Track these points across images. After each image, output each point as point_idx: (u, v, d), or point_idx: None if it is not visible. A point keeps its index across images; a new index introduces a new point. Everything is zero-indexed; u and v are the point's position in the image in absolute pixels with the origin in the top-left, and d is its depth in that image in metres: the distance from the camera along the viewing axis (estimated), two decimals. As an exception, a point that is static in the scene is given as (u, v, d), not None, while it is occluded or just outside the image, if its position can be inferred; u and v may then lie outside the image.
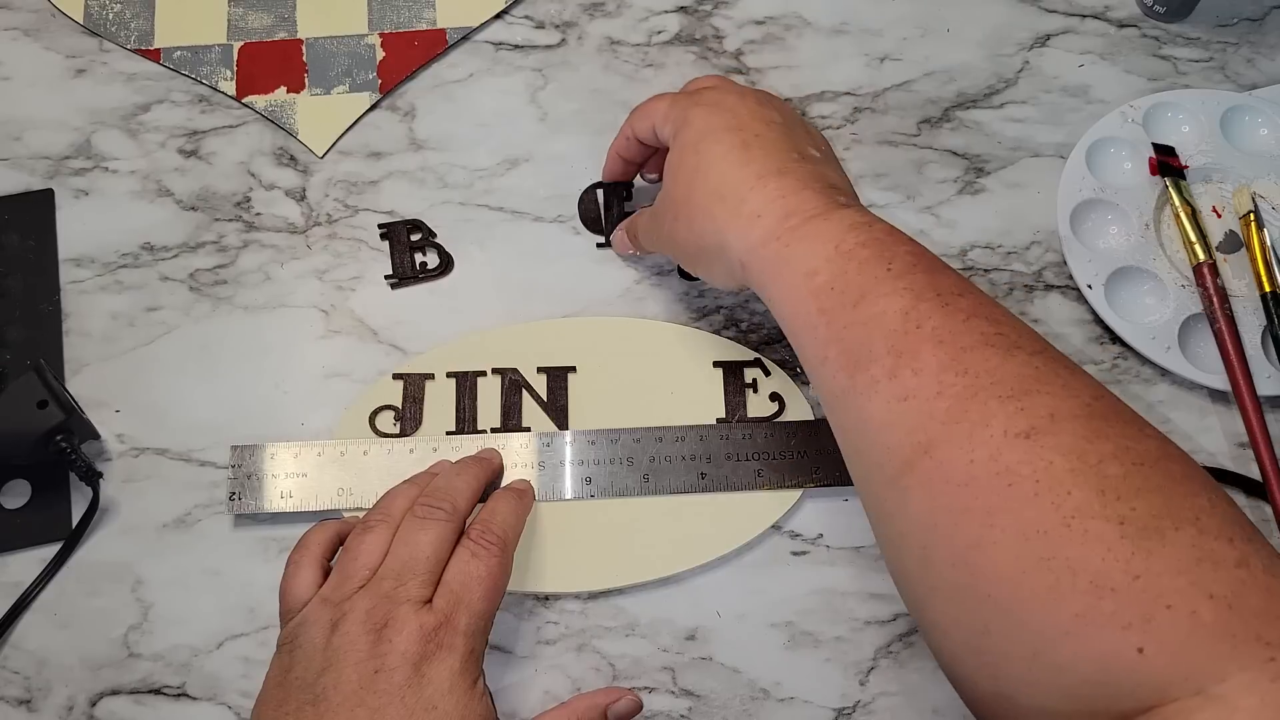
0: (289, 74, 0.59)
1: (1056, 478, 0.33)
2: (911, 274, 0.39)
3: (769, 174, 0.43)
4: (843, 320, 0.39)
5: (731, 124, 0.45)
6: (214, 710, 0.46)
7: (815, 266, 0.40)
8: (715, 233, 0.43)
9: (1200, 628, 0.31)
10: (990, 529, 0.34)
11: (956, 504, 0.35)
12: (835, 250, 0.40)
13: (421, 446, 0.49)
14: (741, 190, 0.43)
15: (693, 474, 0.49)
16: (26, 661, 0.47)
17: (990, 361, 0.36)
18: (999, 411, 0.35)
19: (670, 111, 0.47)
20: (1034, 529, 0.33)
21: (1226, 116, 0.57)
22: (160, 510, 0.49)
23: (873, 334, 0.38)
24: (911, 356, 0.37)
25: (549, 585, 0.47)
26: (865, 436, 0.38)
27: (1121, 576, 0.31)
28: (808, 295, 0.40)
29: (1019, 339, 0.37)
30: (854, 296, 0.39)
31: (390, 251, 0.55)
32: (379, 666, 0.38)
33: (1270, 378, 0.51)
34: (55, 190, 0.56)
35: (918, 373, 0.37)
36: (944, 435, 0.35)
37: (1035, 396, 0.35)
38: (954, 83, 0.59)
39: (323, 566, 0.43)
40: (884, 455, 0.37)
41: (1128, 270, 0.53)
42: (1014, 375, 0.36)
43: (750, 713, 0.46)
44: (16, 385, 0.47)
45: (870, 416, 0.38)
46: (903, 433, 0.36)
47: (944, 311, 0.38)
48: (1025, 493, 0.33)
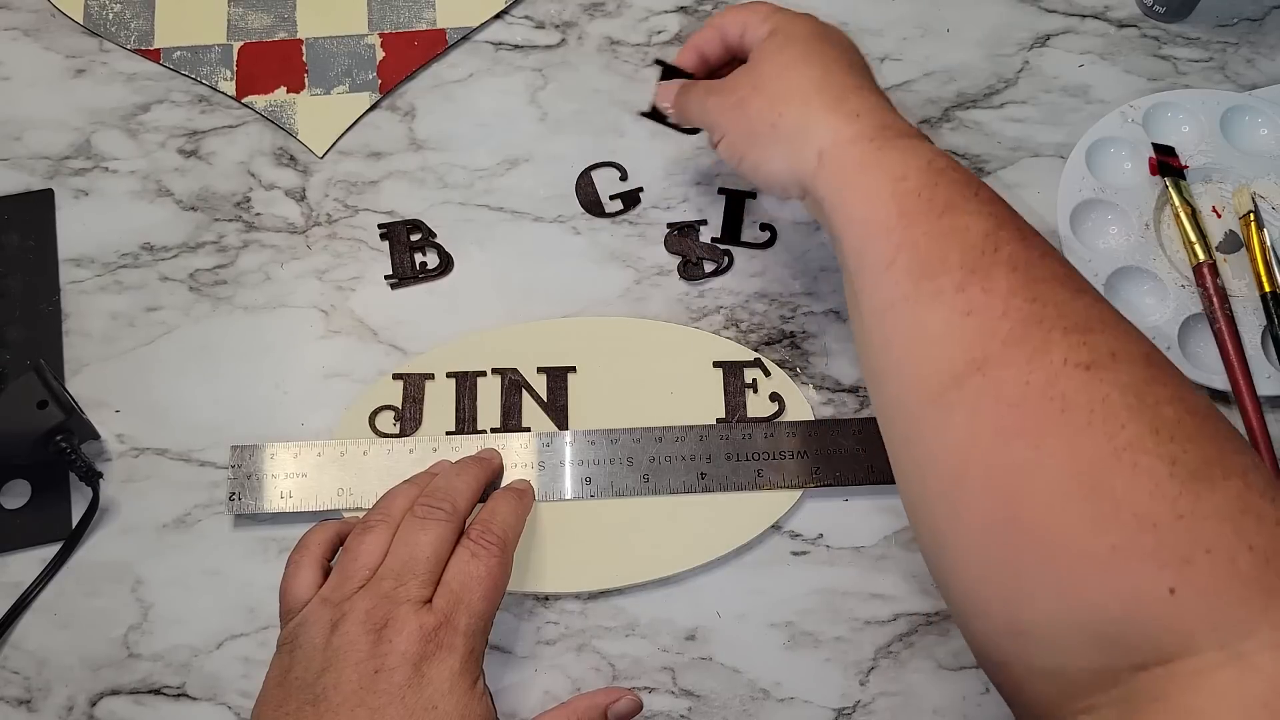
0: (289, 74, 0.59)
1: (1112, 410, 0.33)
2: (995, 205, 0.39)
3: (869, 89, 0.44)
4: (923, 226, 0.39)
5: (838, 42, 0.46)
6: (214, 710, 0.46)
7: (906, 173, 0.40)
8: (802, 115, 0.43)
9: (1237, 576, 0.30)
10: (1037, 451, 0.33)
11: (1005, 424, 0.34)
12: (928, 165, 0.40)
13: (421, 446, 0.49)
14: (844, 90, 0.43)
15: (693, 474, 0.49)
16: (26, 661, 0.47)
17: (1060, 295, 0.36)
18: (1062, 342, 0.35)
19: (773, 15, 0.47)
20: (1084, 457, 0.33)
21: (1226, 116, 0.57)
22: (160, 510, 0.49)
23: (950, 246, 0.38)
24: (984, 275, 0.37)
25: (549, 585, 0.47)
26: (916, 348, 0.38)
27: (1166, 514, 0.31)
28: (891, 198, 0.40)
29: (1085, 285, 0.38)
30: (940, 206, 0.39)
31: (390, 251, 0.55)
32: (379, 666, 0.38)
33: (1270, 378, 0.51)
34: (55, 190, 0.56)
35: (987, 291, 0.36)
36: (1002, 355, 0.35)
37: (1099, 334, 0.35)
38: (954, 83, 0.59)
39: (323, 567, 0.43)
40: (930, 369, 0.37)
41: (1128, 270, 0.53)
42: (1081, 312, 0.36)
43: (750, 713, 0.46)
44: (16, 385, 0.47)
45: (927, 326, 0.37)
46: (958, 347, 0.36)
47: (1023, 242, 0.38)
48: (1079, 421, 0.33)
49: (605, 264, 0.55)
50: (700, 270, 0.55)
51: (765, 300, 0.54)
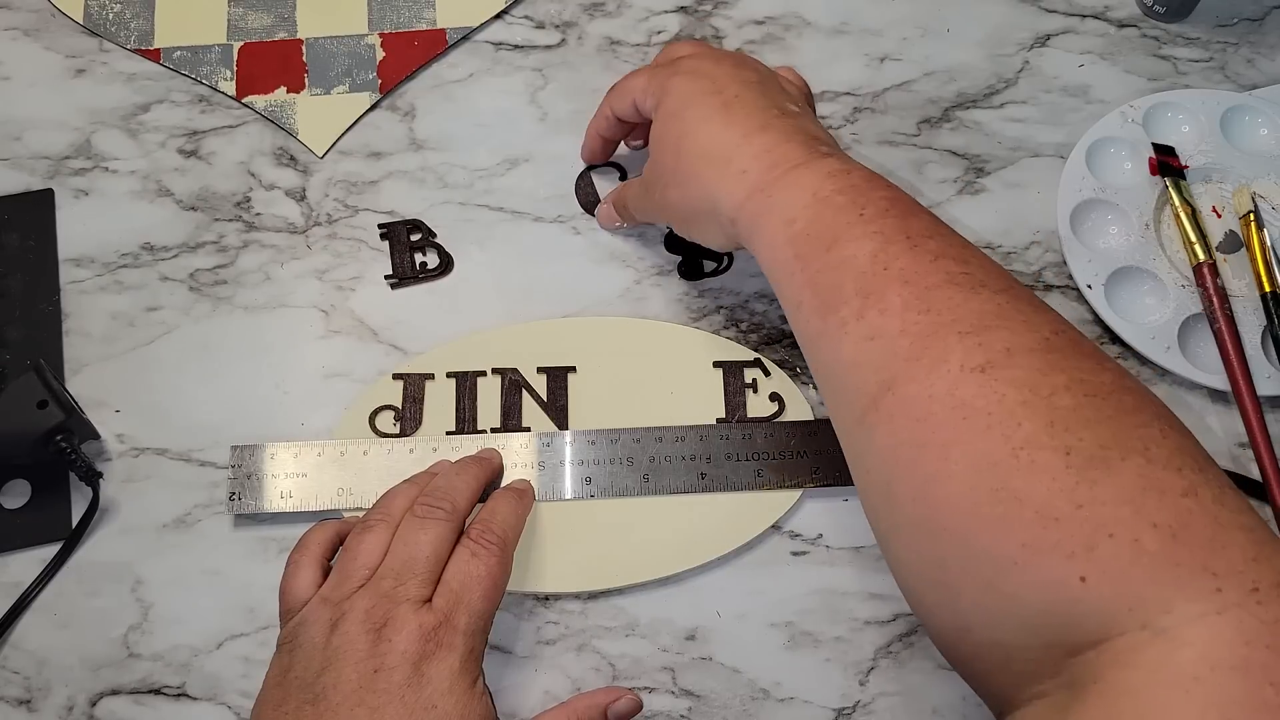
0: (289, 74, 0.59)
1: (1008, 410, 0.34)
2: (883, 218, 0.40)
3: (752, 131, 0.44)
4: (816, 265, 0.40)
5: (711, 88, 0.46)
6: (214, 710, 0.46)
7: (794, 214, 0.41)
8: (705, 194, 0.44)
9: (1143, 556, 0.31)
10: (946, 462, 0.35)
11: (916, 438, 0.36)
12: (813, 197, 0.41)
13: (421, 446, 0.49)
14: (728, 150, 0.44)
15: (693, 474, 0.49)
16: (26, 661, 0.47)
17: (954, 299, 0.37)
18: (957, 347, 0.36)
19: (650, 84, 0.49)
20: (985, 460, 0.34)
21: (1226, 116, 0.57)
22: (160, 510, 0.49)
23: (843, 277, 0.39)
24: (879, 297, 0.38)
25: (549, 585, 0.47)
26: (837, 377, 0.39)
27: (1066, 505, 0.32)
28: (785, 242, 0.41)
29: (985, 277, 0.38)
30: (827, 241, 0.40)
31: (390, 251, 0.55)
32: (378, 666, 0.38)
33: (1270, 378, 0.51)
34: (55, 190, 0.56)
35: (884, 312, 0.38)
36: (905, 372, 0.36)
37: (994, 332, 0.36)
38: (954, 83, 0.59)
39: (322, 566, 0.43)
40: (853, 395, 0.38)
41: (1128, 270, 0.53)
42: (975, 312, 0.37)
43: (750, 713, 0.46)
44: (16, 385, 0.47)
45: (841, 357, 0.39)
46: (869, 371, 0.38)
47: (912, 253, 0.39)
48: (978, 425, 0.34)
49: (605, 264, 0.55)
50: (700, 270, 0.55)
51: (765, 300, 0.54)
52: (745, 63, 0.48)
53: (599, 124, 0.53)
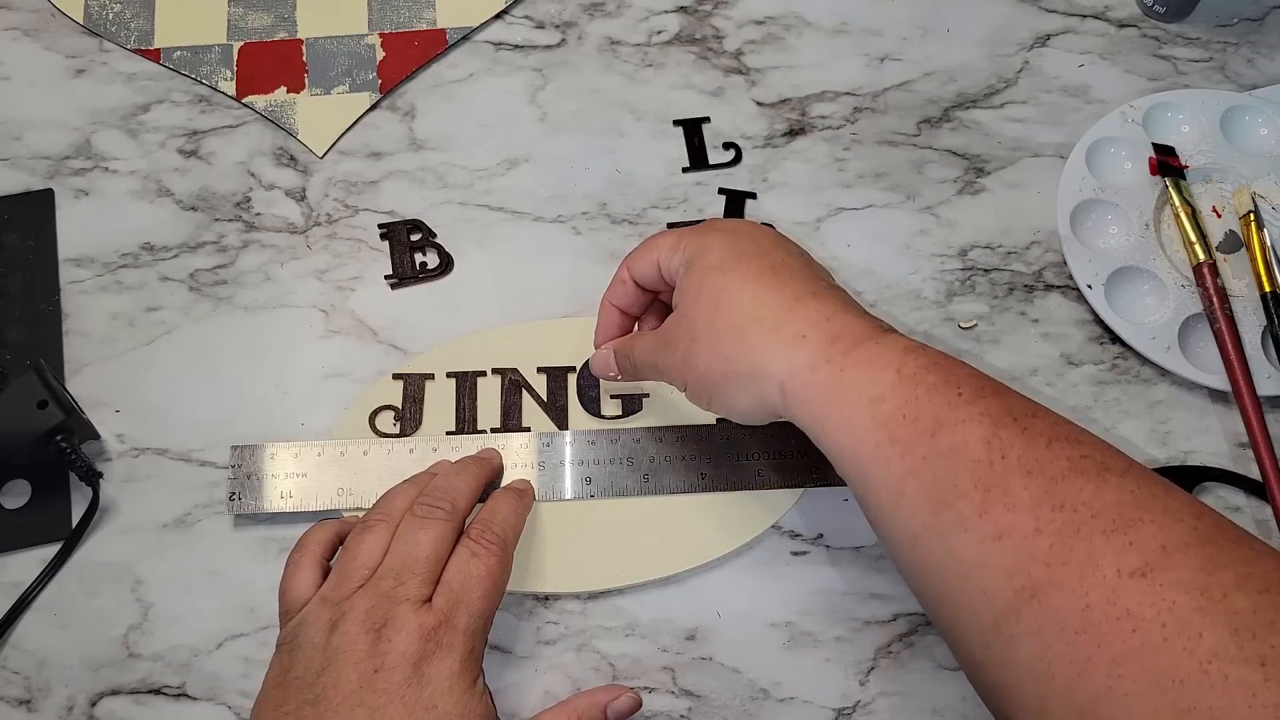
0: (289, 74, 0.59)
1: (1184, 619, 0.31)
2: (983, 398, 0.37)
3: (805, 296, 0.41)
4: (920, 451, 0.36)
5: (755, 250, 0.43)
6: (214, 710, 0.46)
7: (880, 392, 0.38)
8: (748, 356, 0.40)
9: None
10: (1120, 679, 0.32)
11: (1076, 653, 0.33)
12: (898, 375, 0.38)
13: (421, 446, 0.49)
14: (780, 312, 0.40)
15: (693, 474, 0.49)
16: (26, 661, 0.47)
17: (1085, 491, 0.34)
18: (1106, 548, 0.33)
19: (680, 242, 0.45)
20: (1169, 678, 0.31)
21: (1226, 116, 0.57)
22: (160, 510, 0.49)
23: (956, 466, 0.36)
24: (1002, 490, 0.35)
25: (549, 585, 0.47)
26: (955, 579, 0.36)
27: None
28: (874, 425, 0.37)
29: (1104, 459, 0.36)
30: (929, 425, 0.37)
31: (390, 251, 0.55)
32: (378, 666, 0.38)
33: (1270, 378, 0.51)
34: (55, 190, 0.56)
35: (1011, 508, 0.34)
36: (1050, 578, 0.33)
37: (1141, 527, 0.33)
38: (954, 83, 0.59)
39: (322, 566, 0.43)
40: (979, 600, 0.35)
41: (1128, 270, 0.53)
42: (1113, 504, 0.34)
43: (750, 713, 0.46)
44: (16, 385, 0.47)
45: (961, 557, 0.35)
46: (1001, 575, 0.34)
47: (1025, 438, 0.36)
48: (1153, 638, 0.31)
49: (605, 264, 0.55)
50: (700, 270, 0.54)
51: (765, 300, 0.54)
52: (779, 234, 0.46)
53: (614, 293, 0.48)
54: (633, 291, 0.47)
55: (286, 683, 0.39)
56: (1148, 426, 0.51)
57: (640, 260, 0.46)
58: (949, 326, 0.53)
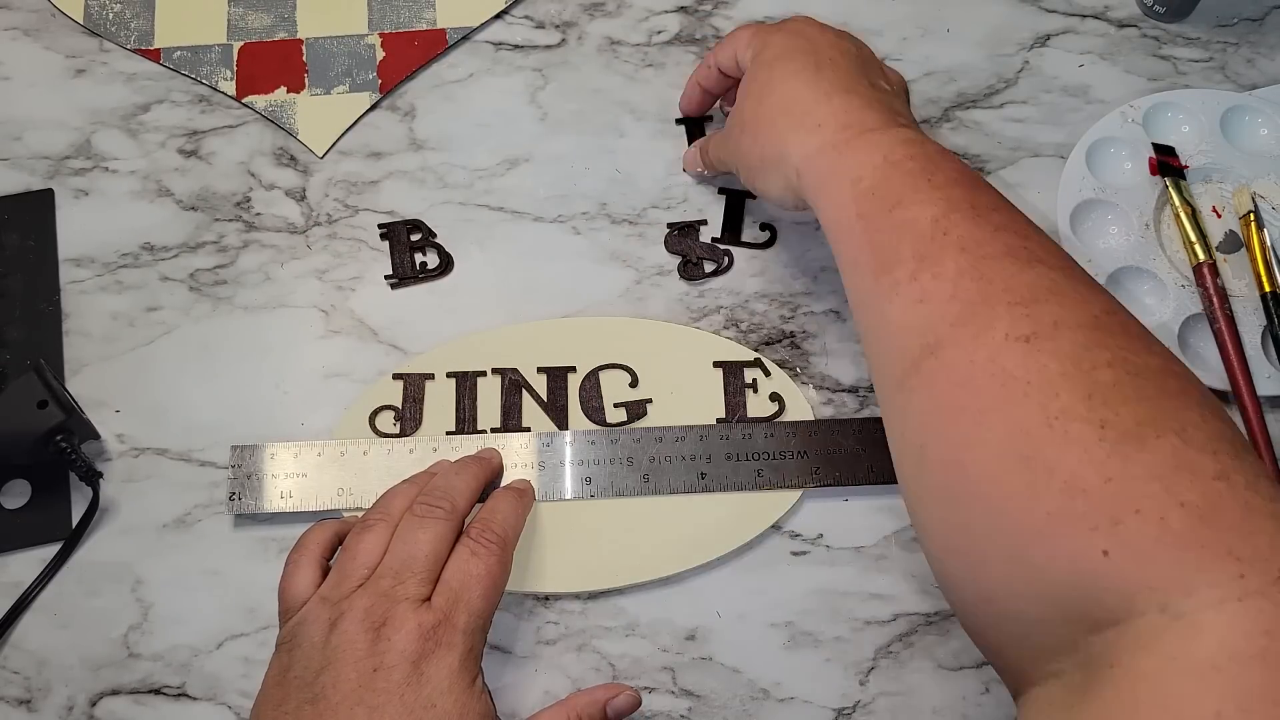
0: (289, 74, 0.59)
1: (1048, 380, 0.34)
2: (951, 187, 0.40)
3: (836, 91, 0.44)
4: (877, 224, 0.40)
5: (807, 47, 0.47)
6: (214, 710, 0.46)
7: (861, 174, 0.41)
8: (777, 142, 0.45)
9: (1168, 534, 0.30)
10: (980, 427, 0.35)
11: (954, 403, 0.36)
12: (884, 160, 0.41)
13: (421, 446, 0.49)
14: (807, 103, 0.44)
15: (693, 474, 0.49)
16: (26, 661, 0.47)
17: (1008, 270, 0.37)
18: (1005, 316, 0.36)
19: (753, 37, 0.49)
20: (1019, 428, 0.34)
21: (1226, 116, 0.57)
22: (160, 510, 0.49)
23: (902, 238, 0.39)
24: (934, 261, 0.38)
25: (549, 585, 0.47)
26: (883, 339, 0.39)
27: (1095, 478, 0.32)
28: (850, 200, 0.41)
29: (1044, 255, 0.38)
30: (891, 202, 0.40)
31: (390, 251, 0.55)
32: (378, 665, 0.38)
33: (1270, 378, 0.51)
34: (55, 190, 0.56)
35: (937, 277, 0.38)
36: (951, 336, 0.36)
37: (1044, 305, 0.36)
38: (954, 83, 0.59)
39: (322, 566, 0.43)
40: (897, 356, 0.38)
41: (1128, 270, 0.53)
42: (1028, 284, 0.36)
43: (750, 713, 0.46)
44: (16, 385, 0.47)
45: (889, 318, 0.39)
46: (915, 334, 0.38)
47: (974, 222, 0.39)
48: (1016, 393, 0.34)
49: (605, 264, 0.55)
50: (700, 270, 0.55)
51: (765, 300, 0.54)
52: (848, 37, 0.49)
53: (701, 73, 0.54)
54: (715, 75, 0.53)
55: (286, 682, 0.39)
56: (1148, 426, 0.51)
57: (723, 51, 0.52)
58: (949, 326, 0.53)
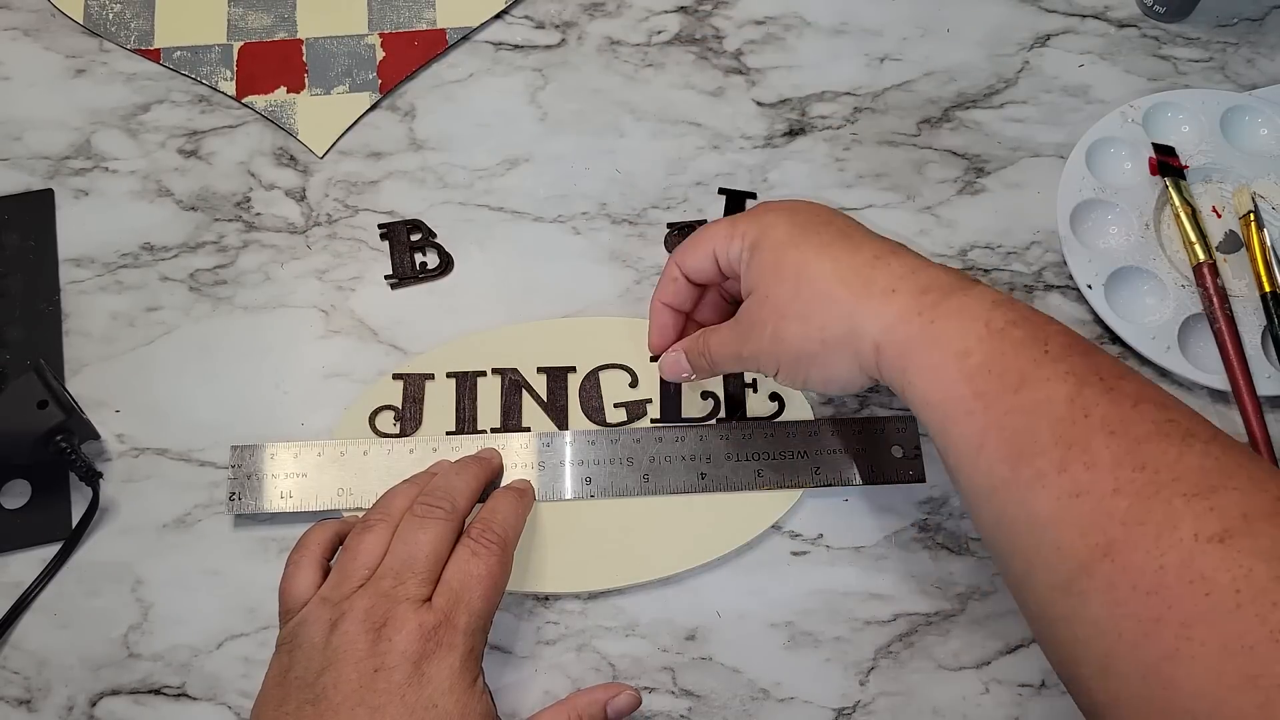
0: (289, 74, 0.59)
1: (1260, 586, 0.31)
2: (1070, 356, 0.37)
3: (884, 254, 0.41)
4: (1003, 405, 0.37)
5: (819, 220, 0.43)
6: (214, 710, 0.46)
7: (968, 346, 0.38)
8: (842, 318, 0.40)
9: None
10: (1188, 641, 0.31)
11: (1145, 612, 0.32)
12: (986, 328, 0.38)
13: (421, 446, 0.49)
14: (864, 271, 0.40)
15: (693, 474, 0.49)
16: (26, 661, 0.47)
17: (1168, 454, 0.34)
18: (1186, 512, 0.33)
19: (735, 229, 0.44)
20: (1238, 643, 0.30)
21: (1226, 116, 0.57)
22: (160, 510, 0.49)
23: (1037, 422, 0.36)
24: (1082, 449, 0.35)
25: (549, 585, 0.47)
26: (1029, 534, 0.36)
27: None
28: (960, 377, 0.38)
29: (1191, 425, 0.35)
30: (1014, 380, 0.37)
31: (390, 251, 0.55)
32: (379, 665, 0.38)
33: (1270, 378, 0.51)
34: (55, 190, 0.56)
35: (1090, 466, 0.34)
36: (1126, 537, 0.33)
37: (1223, 494, 0.33)
38: (954, 83, 0.59)
39: (322, 566, 0.43)
40: (1053, 555, 0.35)
41: (1128, 270, 0.53)
42: (1196, 469, 0.33)
43: (750, 713, 0.46)
44: (16, 385, 0.47)
45: (1036, 512, 0.35)
46: (1076, 532, 0.34)
47: (1110, 397, 0.35)
48: (1226, 603, 0.31)
49: (605, 264, 0.55)
50: (700, 270, 0.54)
51: (765, 300, 0.54)
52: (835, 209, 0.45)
53: (664, 292, 0.48)
54: (685, 288, 0.47)
55: (286, 682, 0.39)
56: (1148, 426, 0.51)
57: (693, 254, 0.46)
58: (949, 326, 0.53)
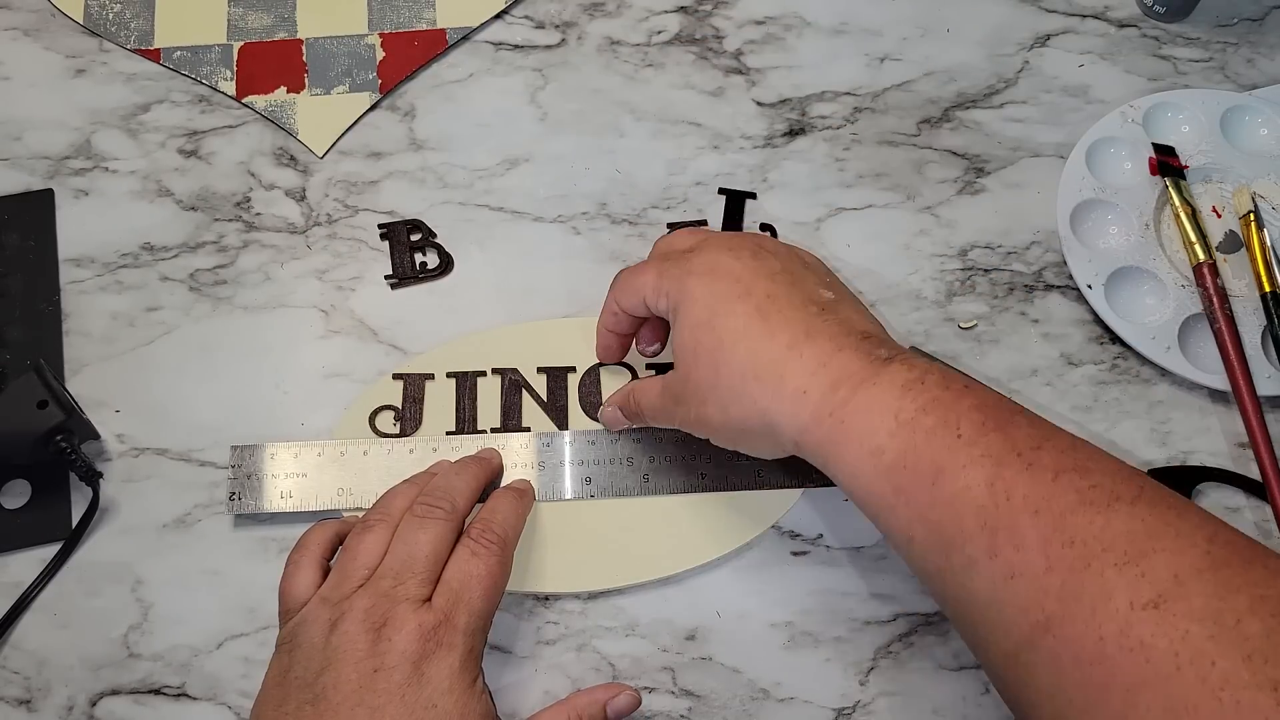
0: (289, 74, 0.59)
1: (1197, 647, 0.31)
2: (984, 436, 0.37)
3: (798, 340, 0.40)
4: (923, 500, 0.37)
5: (738, 290, 0.42)
6: (214, 710, 0.46)
7: (880, 443, 0.38)
8: (759, 415, 0.40)
9: None
10: (1134, 707, 0.32)
11: (1091, 680, 0.33)
12: (896, 421, 0.38)
13: (421, 446, 0.49)
14: (776, 366, 0.40)
15: (693, 474, 0.49)
16: (26, 661, 0.47)
17: (1095, 524, 0.34)
18: (1118, 581, 0.33)
19: (661, 284, 0.44)
20: (1182, 705, 0.31)
21: (1226, 116, 0.57)
22: (160, 510, 0.49)
23: (960, 511, 0.36)
24: (1009, 532, 0.35)
25: (549, 585, 0.47)
26: (972, 613, 0.36)
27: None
28: (877, 475, 0.38)
29: (1114, 486, 0.35)
30: (930, 473, 0.37)
31: (390, 251, 0.55)
32: (378, 665, 0.38)
33: (1270, 378, 0.51)
34: (55, 190, 0.56)
35: (1020, 548, 0.35)
36: (1063, 612, 0.34)
37: (1153, 557, 0.33)
38: (954, 83, 0.59)
39: (322, 566, 0.43)
40: (998, 631, 0.35)
41: (1128, 270, 0.53)
42: (1123, 535, 0.34)
43: (750, 713, 0.46)
44: (16, 385, 0.47)
45: (975, 595, 0.36)
46: (1016, 611, 0.35)
47: (1030, 474, 0.35)
48: (1166, 668, 0.31)
49: (605, 264, 0.55)
50: (700, 270, 0.54)
51: (765, 300, 0.54)
52: (762, 248, 0.44)
53: (608, 320, 0.49)
54: (625, 319, 0.48)
55: (286, 682, 0.39)
56: (1148, 426, 0.51)
57: (626, 297, 0.47)
58: (949, 326, 0.53)
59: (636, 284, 0.46)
